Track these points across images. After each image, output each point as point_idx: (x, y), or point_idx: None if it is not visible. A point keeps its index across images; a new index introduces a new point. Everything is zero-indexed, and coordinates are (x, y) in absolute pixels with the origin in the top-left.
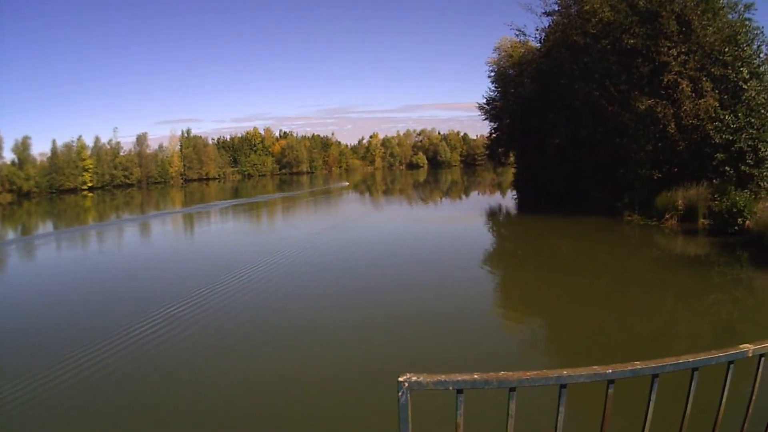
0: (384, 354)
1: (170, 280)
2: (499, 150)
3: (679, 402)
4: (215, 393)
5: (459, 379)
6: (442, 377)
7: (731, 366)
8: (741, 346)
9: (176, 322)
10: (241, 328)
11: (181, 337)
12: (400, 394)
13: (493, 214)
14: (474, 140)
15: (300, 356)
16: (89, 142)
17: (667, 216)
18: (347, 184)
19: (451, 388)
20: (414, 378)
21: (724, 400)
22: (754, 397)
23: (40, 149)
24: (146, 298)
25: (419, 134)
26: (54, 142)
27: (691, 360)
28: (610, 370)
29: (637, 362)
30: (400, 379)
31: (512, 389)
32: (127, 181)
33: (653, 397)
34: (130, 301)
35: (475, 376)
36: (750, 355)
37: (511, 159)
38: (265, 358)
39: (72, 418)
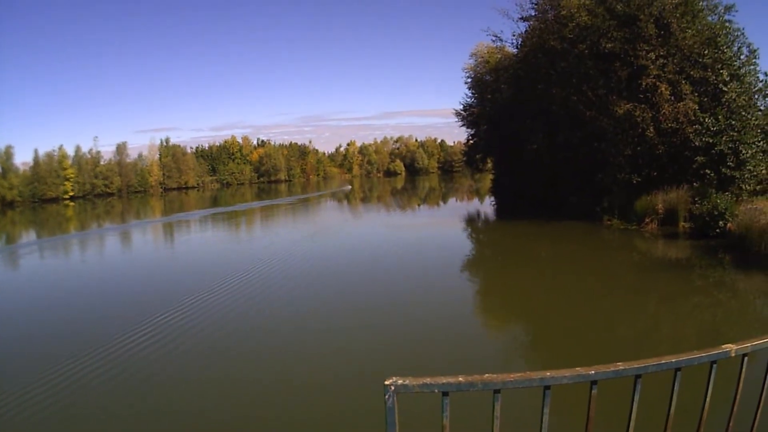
0: (370, 359)
1: (157, 289)
2: (477, 156)
3: (663, 402)
4: (203, 400)
5: (444, 381)
6: (428, 380)
7: (714, 366)
8: (723, 346)
9: (166, 331)
10: (227, 336)
11: (169, 347)
12: (386, 397)
13: (472, 221)
14: (451, 147)
15: (286, 362)
16: (70, 151)
17: (647, 220)
18: (349, 188)
19: (436, 390)
20: (400, 381)
21: (708, 399)
22: (738, 397)
23: (22, 159)
24: (135, 305)
25: (396, 141)
26: (36, 151)
27: (673, 360)
28: (593, 371)
29: (620, 363)
30: (387, 382)
31: (497, 391)
32: (108, 190)
33: (636, 397)
34: (116, 311)
35: (460, 379)
36: (733, 355)
37: (489, 165)
38: (251, 364)
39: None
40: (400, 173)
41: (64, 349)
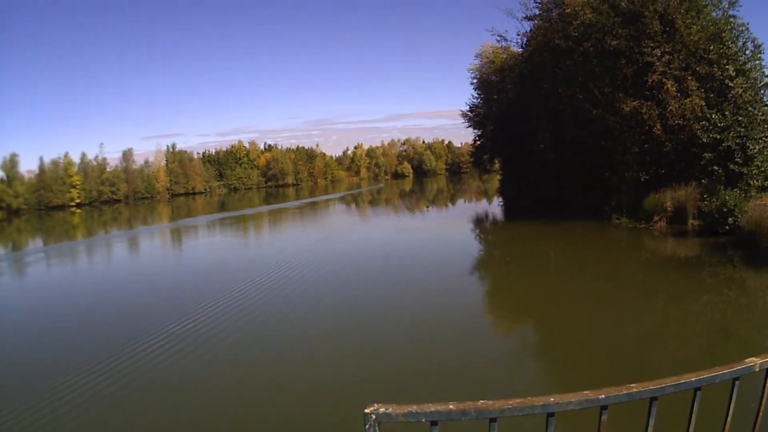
0: (371, 367)
1: (167, 298)
2: (484, 157)
3: (679, 422)
4: (221, 407)
5: (433, 410)
6: (414, 408)
7: (736, 383)
8: (746, 360)
9: (175, 340)
10: (241, 344)
11: (182, 354)
12: (366, 427)
13: (480, 222)
14: (459, 148)
15: (293, 367)
16: (76, 158)
17: (655, 218)
18: (381, 186)
19: (423, 420)
20: (382, 409)
21: (729, 418)
22: (761, 414)
23: (27, 166)
24: (148, 314)
25: (404, 143)
26: (41, 159)
27: (693, 379)
28: (603, 395)
29: (633, 384)
30: (367, 410)
31: (493, 420)
32: (114, 196)
33: (651, 422)
34: (131, 318)
35: (451, 407)
36: (757, 369)
37: (497, 165)
38: (262, 369)
39: None
40: (408, 175)
41: (88, 354)
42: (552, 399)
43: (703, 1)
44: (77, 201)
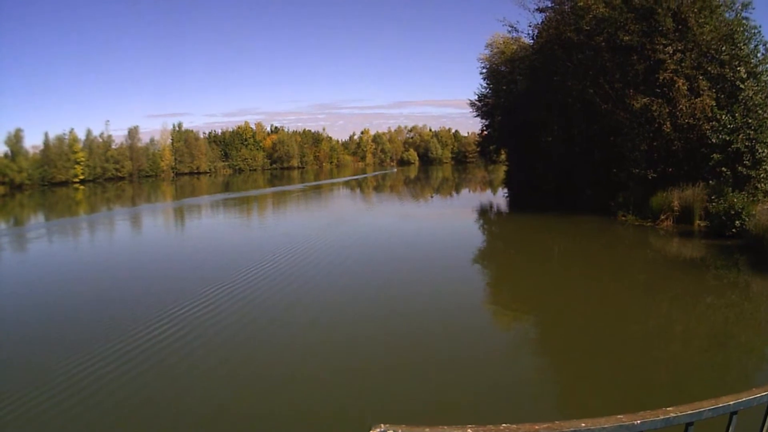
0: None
1: (171, 281)
2: (491, 147)
3: None
4: (226, 391)
5: None
6: (427, 431)
7: None
8: None
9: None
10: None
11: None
12: None
13: (484, 212)
14: (465, 137)
15: (305, 351)
16: (81, 135)
17: (662, 217)
18: (395, 170)
19: None
20: (390, 431)
21: None
22: None
23: (32, 142)
24: (154, 295)
25: (410, 131)
26: (46, 134)
27: (731, 403)
28: (639, 421)
29: (670, 408)
30: None
31: None
32: (119, 174)
33: None
34: (130, 305)
35: (469, 431)
36: None
37: (503, 156)
38: (272, 351)
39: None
40: (414, 162)
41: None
42: (583, 424)
43: (716, 1)
44: (81, 177)
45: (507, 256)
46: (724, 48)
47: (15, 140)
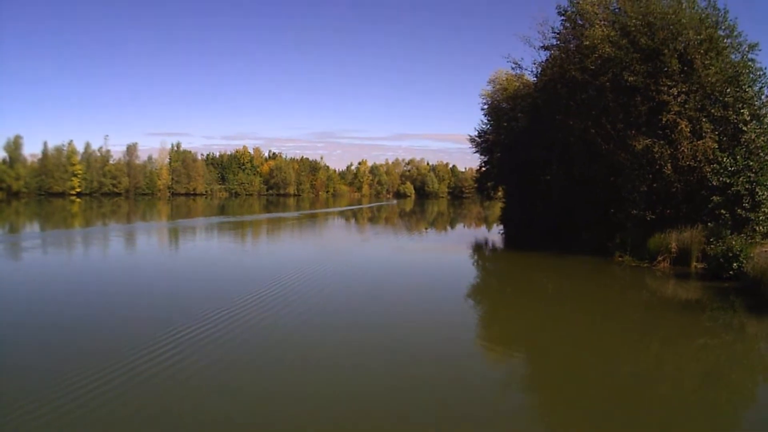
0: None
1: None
2: (488, 184)
3: None
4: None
5: None
6: None
7: None
8: None
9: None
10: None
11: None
12: None
13: (479, 248)
14: (462, 173)
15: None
16: (80, 147)
17: (659, 258)
18: (395, 202)
19: None
20: None
21: None
22: None
23: (30, 150)
24: (151, 319)
25: (408, 163)
26: (45, 144)
27: None
28: None
29: None
30: None
31: None
32: (115, 189)
33: None
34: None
35: None
36: None
37: (500, 193)
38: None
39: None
40: (410, 195)
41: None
42: None
43: (723, 43)
44: (78, 190)
45: (500, 293)
46: (728, 90)
47: (14, 147)
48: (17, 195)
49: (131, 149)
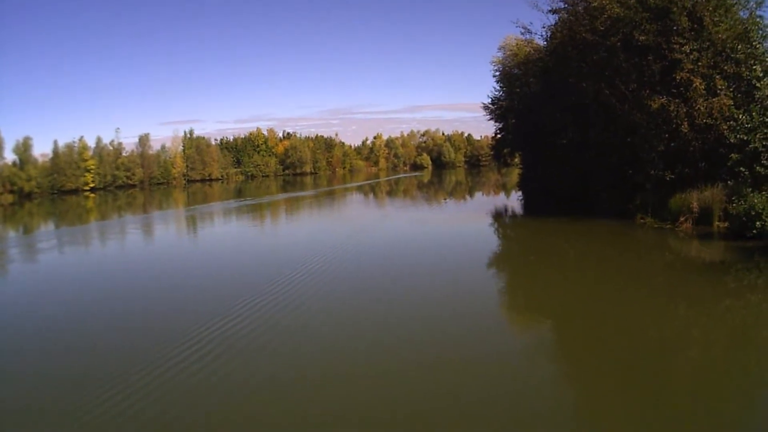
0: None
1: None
2: (505, 151)
3: None
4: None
5: None
6: None
7: None
8: None
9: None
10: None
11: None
12: None
13: (498, 216)
14: (478, 141)
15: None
16: (91, 142)
17: (681, 219)
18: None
19: None
20: None
21: None
22: None
23: (40, 150)
24: (179, 308)
25: (423, 135)
26: (55, 142)
27: None
28: None
29: None
30: None
31: None
32: (130, 181)
33: None
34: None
35: None
36: None
37: (517, 160)
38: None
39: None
40: (427, 167)
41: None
42: None
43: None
44: (91, 185)
45: (523, 261)
46: (739, 47)
47: (23, 148)
48: (29, 196)
49: (143, 140)
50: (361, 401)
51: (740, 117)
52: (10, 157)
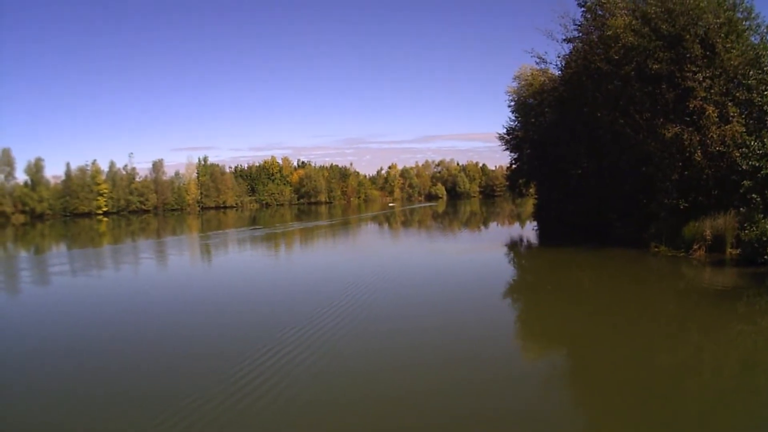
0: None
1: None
2: (520, 181)
3: None
4: None
5: None
6: None
7: None
8: None
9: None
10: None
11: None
12: None
13: (513, 247)
14: (493, 171)
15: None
16: (104, 166)
17: (695, 246)
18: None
19: None
20: None
21: None
22: None
23: (52, 172)
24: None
25: (438, 165)
26: (68, 165)
27: None
28: None
29: None
30: None
31: None
32: (143, 207)
33: None
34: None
35: None
36: None
37: (531, 190)
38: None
39: None
40: (442, 197)
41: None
42: None
43: (742, 25)
44: (104, 209)
45: (537, 291)
46: (751, 72)
47: (35, 169)
48: (41, 217)
49: (157, 166)
50: (381, 424)
51: (752, 143)
52: (21, 177)
